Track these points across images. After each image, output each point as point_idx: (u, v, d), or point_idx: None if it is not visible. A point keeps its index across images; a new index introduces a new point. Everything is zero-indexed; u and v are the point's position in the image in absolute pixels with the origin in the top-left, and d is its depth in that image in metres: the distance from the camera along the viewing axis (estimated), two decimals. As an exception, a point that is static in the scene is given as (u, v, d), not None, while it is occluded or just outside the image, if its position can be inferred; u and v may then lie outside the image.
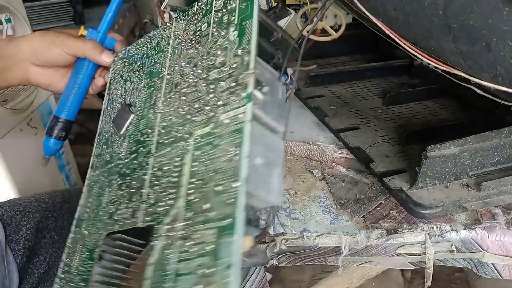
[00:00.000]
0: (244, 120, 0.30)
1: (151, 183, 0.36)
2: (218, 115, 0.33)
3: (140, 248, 0.37)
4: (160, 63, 0.42)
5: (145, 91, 0.43)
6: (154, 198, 0.35)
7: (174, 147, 0.36)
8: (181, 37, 0.41)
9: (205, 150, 0.32)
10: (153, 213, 0.34)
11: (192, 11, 0.41)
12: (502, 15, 0.26)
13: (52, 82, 0.51)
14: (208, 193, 0.30)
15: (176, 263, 0.30)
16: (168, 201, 0.33)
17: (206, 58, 0.36)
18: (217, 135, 0.32)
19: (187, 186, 0.32)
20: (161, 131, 0.38)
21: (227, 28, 0.36)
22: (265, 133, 0.33)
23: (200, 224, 0.29)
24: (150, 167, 0.37)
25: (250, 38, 0.33)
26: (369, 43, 0.72)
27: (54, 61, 0.48)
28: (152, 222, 0.34)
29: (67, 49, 0.47)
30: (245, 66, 0.32)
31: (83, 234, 0.41)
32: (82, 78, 0.50)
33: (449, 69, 0.34)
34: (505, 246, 0.41)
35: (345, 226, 0.43)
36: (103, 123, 0.47)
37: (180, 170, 0.34)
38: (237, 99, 0.32)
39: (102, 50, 0.48)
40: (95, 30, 0.50)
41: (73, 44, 0.47)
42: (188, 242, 0.30)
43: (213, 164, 0.31)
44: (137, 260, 0.37)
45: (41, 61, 0.48)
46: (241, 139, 0.30)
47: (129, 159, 0.40)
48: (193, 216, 0.30)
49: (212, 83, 0.35)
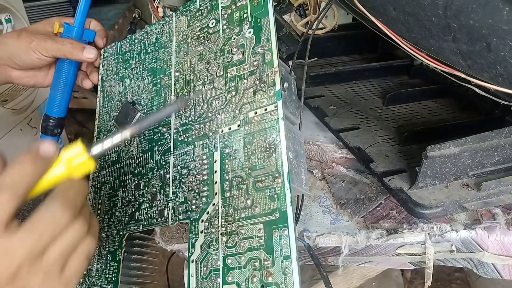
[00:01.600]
0: (277, 118, 0.31)
1: (176, 181, 0.37)
2: (244, 113, 0.33)
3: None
4: (164, 59, 0.42)
5: (150, 88, 0.43)
6: (182, 196, 0.36)
7: (197, 145, 0.36)
8: (186, 33, 0.41)
9: (235, 147, 0.33)
10: (185, 210, 0.35)
11: (195, 7, 0.41)
12: (502, 15, 0.26)
13: (37, 82, 0.50)
14: (248, 190, 0.31)
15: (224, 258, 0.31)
16: (201, 199, 0.34)
17: (220, 55, 0.37)
18: (247, 132, 0.33)
19: (221, 183, 0.33)
20: (178, 129, 0.38)
21: (240, 25, 0.36)
22: (290, 127, 0.34)
23: (245, 220, 0.31)
24: (171, 165, 0.38)
25: (269, 35, 0.34)
26: (369, 43, 0.72)
27: (34, 64, 0.47)
28: (186, 220, 0.34)
29: (45, 52, 0.45)
30: (268, 63, 0.33)
31: (100, 237, 0.41)
32: (66, 76, 0.49)
33: (449, 69, 0.34)
34: (505, 246, 0.41)
35: (345, 226, 0.43)
36: (101, 121, 0.47)
37: (209, 168, 0.34)
38: (265, 97, 0.33)
39: (83, 48, 0.46)
40: (70, 26, 0.48)
41: (51, 46, 0.45)
42: (234, 238, 0.31)
43: (248, 161, 0.32)
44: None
45: (20, 65, 0.47)
46: (278, 136, 0.31)
47: (143, 158, 0.40)
48: (234, 212, 0.31)
49: (231, 81, 0.35)
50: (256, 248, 0.29)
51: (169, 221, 0.36)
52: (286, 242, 0.28)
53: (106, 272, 0.39)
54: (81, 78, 0.51)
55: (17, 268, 0.24)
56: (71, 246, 0.27)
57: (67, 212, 0.26)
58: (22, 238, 0.25)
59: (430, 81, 0.61)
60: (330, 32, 0.69)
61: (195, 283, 0.31)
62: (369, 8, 0.37)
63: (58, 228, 0.26)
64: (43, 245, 0.25)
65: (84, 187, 0.28)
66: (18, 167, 0.26)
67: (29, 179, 0.26)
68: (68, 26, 0.48)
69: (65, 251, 0.26)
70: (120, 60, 0.48)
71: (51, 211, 0.26)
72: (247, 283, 0.29)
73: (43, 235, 0.25)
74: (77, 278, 0.28)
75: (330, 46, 0.72)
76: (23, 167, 0.26)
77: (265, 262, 0.28)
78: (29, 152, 0.26)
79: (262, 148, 0.31)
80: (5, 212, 0.24)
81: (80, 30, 0.48)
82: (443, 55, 0.34)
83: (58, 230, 0.26)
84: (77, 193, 0.27)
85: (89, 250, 0.28)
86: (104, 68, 0.49)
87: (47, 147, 0.27)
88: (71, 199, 0.27)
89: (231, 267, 0.30)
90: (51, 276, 0.26)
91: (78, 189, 0.27)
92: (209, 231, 0.32)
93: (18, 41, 0.45)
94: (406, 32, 0.35)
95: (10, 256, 0.24)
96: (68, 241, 0.26)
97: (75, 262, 0.27)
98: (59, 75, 0.49)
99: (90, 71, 0.51)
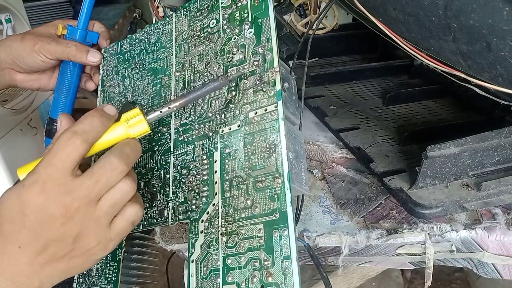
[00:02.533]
0: (277, 118, 0.31)
1: (176, 181, 0.37)
2: (245, 113, 0.33)
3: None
4: (165, 59, 0.42)
5: (150, 88, 0.43)
6: (182, 196, 0.36)
7: (197, 145, 0.36)
8: (186, 33, 0.41)
9: (236, 147, 0.33)
10: (185, 210, 0.35)
11: (195, 7, 0.41)
12: (502, 15, 0.26)
13: (42, 85, 0.50)
14: (248, 190, 0.31)
15: (224, 258, 0.31)
16: (201, 199, 0.34)
17: (221, 55, 0.37)
18: (247, 133, 0.33)
19: (221, 183, 0.33)
20: (178, 129, 0.38)
21: (240, 26, 0.36)
22: (290, 128, 0.34)
23: (245, 220, 0.31)
24: (171, 165, 0.38)
25: (269, 35, 0.34)
26: (369, 43, 0.72)
27: (38, 67, 0.47)
28: (186, 220, 0.34)
29: (50, 55, 0.45)
30: (268, 63, 0.33)
31: None
32: (70, 79, 0.49)
33: (449, 69, 0.34)
34: (505, 246, 0.41)
35: (345, 226, 0.43)
36: None
37: (209, 168, 0.34)
38: (265, 97, 0.33)
39: (87, 51, 0.46)
40: (74, 28, 0.47)
41: (55, 48, 0.45)
42: (234, 238, 0.31)
43: (248, 161, 0.32)
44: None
45: (24, 68, 0.47)
46: (278, 136, 0.31)
47: (143, 158, 0.40)
48: (234, 212, 0.31)
49: (231, 81, 0.35)
50: (256, 248, 0.29)
51: (169, 221, 0.36)
52: (286, 242, 0.28)
53: (106, 272, 0.39)
54: (84, 80, 0.51)
55: (76, 209, 0.28)
56: (121, 200, 0.30)
57: (122, 164, 0.29)
58: (83, 181, 0.28)
59: (430, 81, 0.61)
60: (330, 32, 0.69)
61: (195, 283, 0.31)
62: (369, 8, 0.37)
63: (113, 176, 0.29)
64: (99, 190, 0.28)
65: (138, 147, 0.31)
66: (89, 118, 0.30)
67: (98, 129, 0.30)
68: (71, 28, 0.47)
69: (116, 204, 0.29)
70: (120, 60, 0.48)
71: (108, 161, 0.29)
72: (247, 283, 0.29)
73: (100, 180, 0.28)
74: (119, 239, 0.31)
75: (330, 46, 0.72)
76: (93, 119, 0.30)
77: (265, 262, 0.28)
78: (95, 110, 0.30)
79: (262, 148, 0.31)
80: (78, 153, 0.28)
81: (84, 32, 0.48)
82: (443, 55, 0.34)
83: (113, 178, 0.29)
84: (132, 150, 0.30)
85: (135, 216, 0.31)
86: (105, 68, 0.49)
87: (110, 108, 0.31)
88: (127, 154, 0.30)
89: (231, 267, 0.30)
90: (100, 226, 0.29)
91: (133, 147, 0.30)
92: (209, 231, 0.32)
93: (22, 44, 0.45)
94: (406, 32, 0.35)
95: (72, 196, 0.28)
96: (119, 194, 0.29)
97: (121, 223, 0.30)
98: (63, 78, 0.49)
99: (94, 73, 0.51)
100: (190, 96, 0.33)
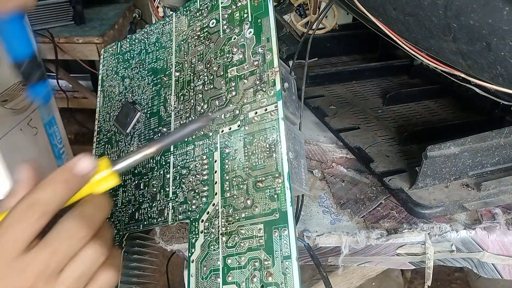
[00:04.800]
0: (277, 118, 0.31)
1: (176, 181, 0.37)
2: (245, 113, 0.33)
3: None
4: (165, 59, 0.43)
5: (150, 88, 0.43)
6: (182, 196, 0.36)
7: (197, 145, 0.36)
8: (186, 33, 0.41)
9: (236, 147, 0.33)
10: (185, 210, 0.35)
11: (195, 7, 0.41)
12: (502, 15, 0.26)
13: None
14: (248, 190, 0.31)
15: (224, 258, 0.31)
16: (201, 199, 0.34)
17: (221, 55, 0.37)
18: (247, 133, 0.33)
19: (221, 183, 0.33)
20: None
21: (240, 25, 0.36)
22: (290, 127, 0.34)
23: (245, 220, 0.31)
24: (171, 165, 0.38)
25: (269, 35, 0.34)
26: (369, 43, 0.72)
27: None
28: (186, 220, 0.34)
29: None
30: (268, 63, 0.33)
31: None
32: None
33: (449, 69, 0.34)
34: (505, 246, 0.41)
35: (345, 226, 0.43)
36: (101, 121, 0.47)
37: (209, 168, 0.34)
38: (265, 97, 0.33)
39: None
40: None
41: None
42: (234, 238, 0.31)
43: (248, 161, 0.32)
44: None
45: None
46: (278, 136, 0.31)
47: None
48: (234, 212, 0.31)
49: (231, 81, 0.35)
50: (256, 248, 0.29)
51: (169, 221, 0.36)
52: (286, 242, 0.28)
53: None
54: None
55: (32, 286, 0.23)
56: (88, 270, 0.25)
57: (83, 228, 0.25)
58: (37, 254, 0.24)
59: (430, 81, 0.61)
60: (330, 32, 0.69)
61: (195, 283, 0.31)
62: (369, 8, 0.37)
63: (73, 245, 0.24)
64: (58, 262, 0.24)
65: (105, 204, 0.26)
66: (52, 185, 0.25)
67: (61, 200, 0.25)
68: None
69: (82, 276, 0.25)
70: (120, 60, 0.48)
71: (66, 226, 0.24)
72: (247, 283, 0.29)
73: (58, 251, 0.24)
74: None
75: (330, 46, 0.72)
76: (56, 187, 0.25)
77: (265, 262, 0.28)
78: (63, 170, 0.25)
79: (262, 148, 0.31)
80: (34, 229, 0.24)
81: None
82: (443, 55, 0.34)
83: (73, 247, 0.24)
84: (96, 209, 0.26)
85: (108, 283, 0.26)
86: (104, 68, 0.49)
87: (85, 165, 0.26)
88: (88, 215, 0.25)
89: (231, 267, 0.30)
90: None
91: (97, 205, 0.26)
92: (209, 231, 0.32)
93: None
94: (406, 32, 0.35)
95: (26, 274, 0.23)
96: (84, 264, 0.25)
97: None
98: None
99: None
100: (167, 141, 0.29)
